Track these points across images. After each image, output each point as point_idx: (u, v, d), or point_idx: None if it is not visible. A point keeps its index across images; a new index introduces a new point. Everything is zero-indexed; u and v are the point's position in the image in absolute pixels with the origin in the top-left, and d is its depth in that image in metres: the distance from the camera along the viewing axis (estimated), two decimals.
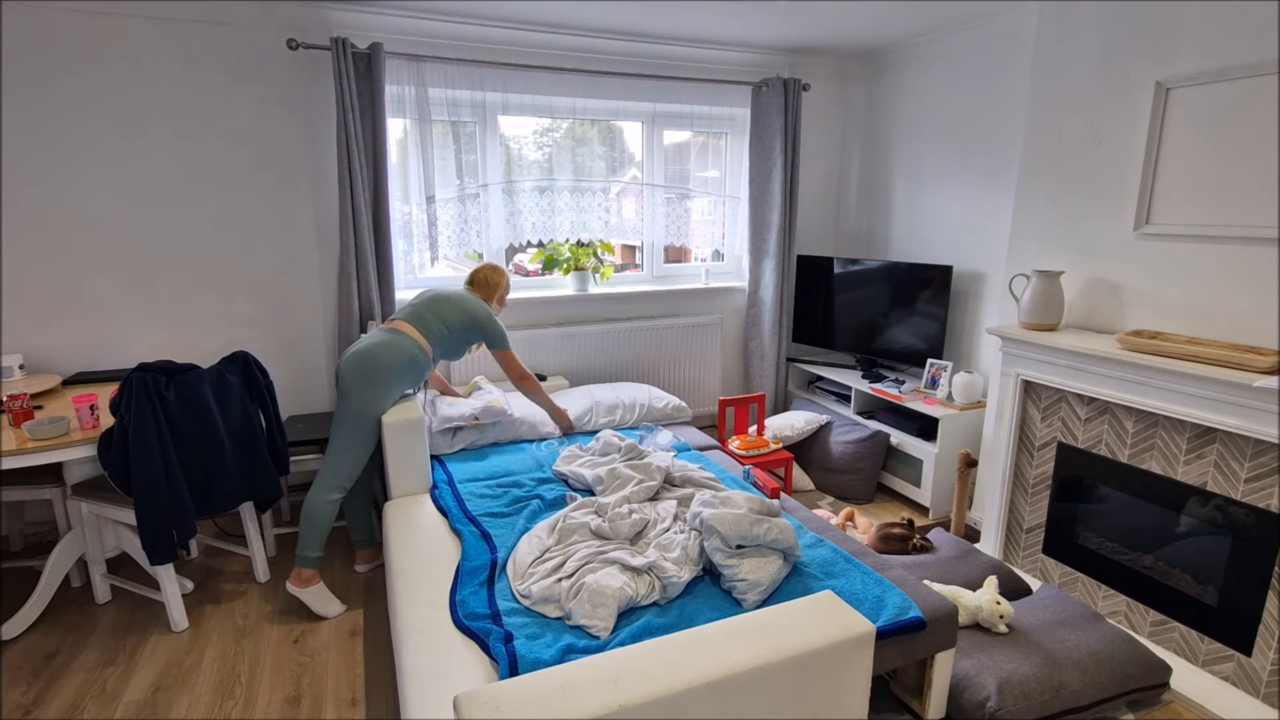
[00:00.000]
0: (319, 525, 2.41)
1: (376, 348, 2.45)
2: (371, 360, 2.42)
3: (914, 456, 3.30)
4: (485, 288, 2.81)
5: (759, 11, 3.08)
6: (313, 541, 2.41)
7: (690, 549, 1.96)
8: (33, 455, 2.10)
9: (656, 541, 2.04)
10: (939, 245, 3.61)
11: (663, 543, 2.02)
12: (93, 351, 2.94)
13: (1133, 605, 2.37)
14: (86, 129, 2.77)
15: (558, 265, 3.76)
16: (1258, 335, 2.11)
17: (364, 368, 2.41)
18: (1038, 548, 2.70)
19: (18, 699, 2.05)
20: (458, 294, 2.70)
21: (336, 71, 2.88)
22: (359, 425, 2.42)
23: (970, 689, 1.88)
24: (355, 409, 2.40)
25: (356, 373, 2.41)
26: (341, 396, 2.43)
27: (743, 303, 4.16)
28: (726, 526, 1.89)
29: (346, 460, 2.43)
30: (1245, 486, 2.03)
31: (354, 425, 2.42)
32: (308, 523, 2.41)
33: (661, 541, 2.03)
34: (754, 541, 1.89)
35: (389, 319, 2.74)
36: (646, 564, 1.88)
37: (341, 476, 2.43)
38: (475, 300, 2.71)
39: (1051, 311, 2.56)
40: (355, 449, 2.44)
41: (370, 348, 2.45)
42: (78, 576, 2.65)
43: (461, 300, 2.68)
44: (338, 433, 2.43)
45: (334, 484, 2.43)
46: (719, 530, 1.89)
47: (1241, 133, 2.11)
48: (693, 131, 3.92)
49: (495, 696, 1.27)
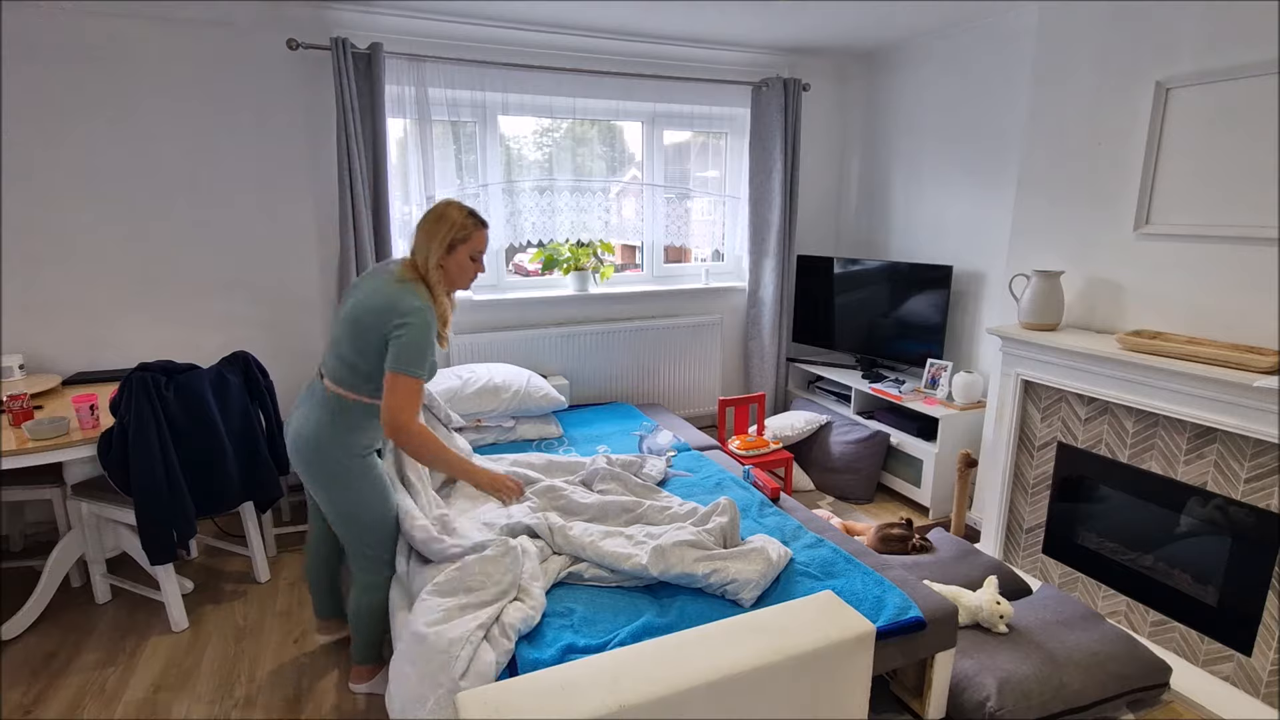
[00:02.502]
0: (374, 622, 1.97)
1: (299, 428, 1.84)
2: (301, 447, 1.83)
3: (914, 456, 3.30)
4: (419, 249, 1.84)
5: (759, 11, 3.08)
6: (373, 639, 2.01)
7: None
8: (33, 455, 2.10)
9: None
10: (939, 245, 3.61)
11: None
12: (93, 351, 2.94)
13: (1133, 605, 2.37)
14: (86, 129, 2.77)
15: (558, 265, 3.76)
16: (1258, 335, 2.11)
17: (300, 457, 1.85)
18: (1038, 548, 2.70)
19: (18, 699, 2.05)
20: (368, 276, 1.88)
21: (336, 71, 2.88)
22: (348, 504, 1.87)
23: (970, 689, 1.88)
24: (328, 502, 1.87)
25: (298, 462, 1.86)
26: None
27: (743, 303, 4.16)
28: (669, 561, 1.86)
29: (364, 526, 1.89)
30: (1245, 486, 2.03)
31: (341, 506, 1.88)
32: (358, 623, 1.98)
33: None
34: (691, 582, 1.85)
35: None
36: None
37: (372, 547, 1.91)
38: (384, 282, 1.80)
39: (1051, 311, 2.56)
40: (362, 511, 1.89)
41: (296, 424, 1.86)
42: (78, 576, 2.65)
43: (364, 286, 1.83)
44: (330, 511, 1.89)
45: (367, 563, 1.92)
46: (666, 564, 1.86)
47: (1241, 133, 2.11)
48: (693, 131, 3.92)
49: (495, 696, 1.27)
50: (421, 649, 1.53)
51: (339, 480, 1.84)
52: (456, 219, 1.82)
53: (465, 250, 1.85)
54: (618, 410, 3.45)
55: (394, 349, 1.73)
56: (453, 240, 1.82)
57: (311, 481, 1.86)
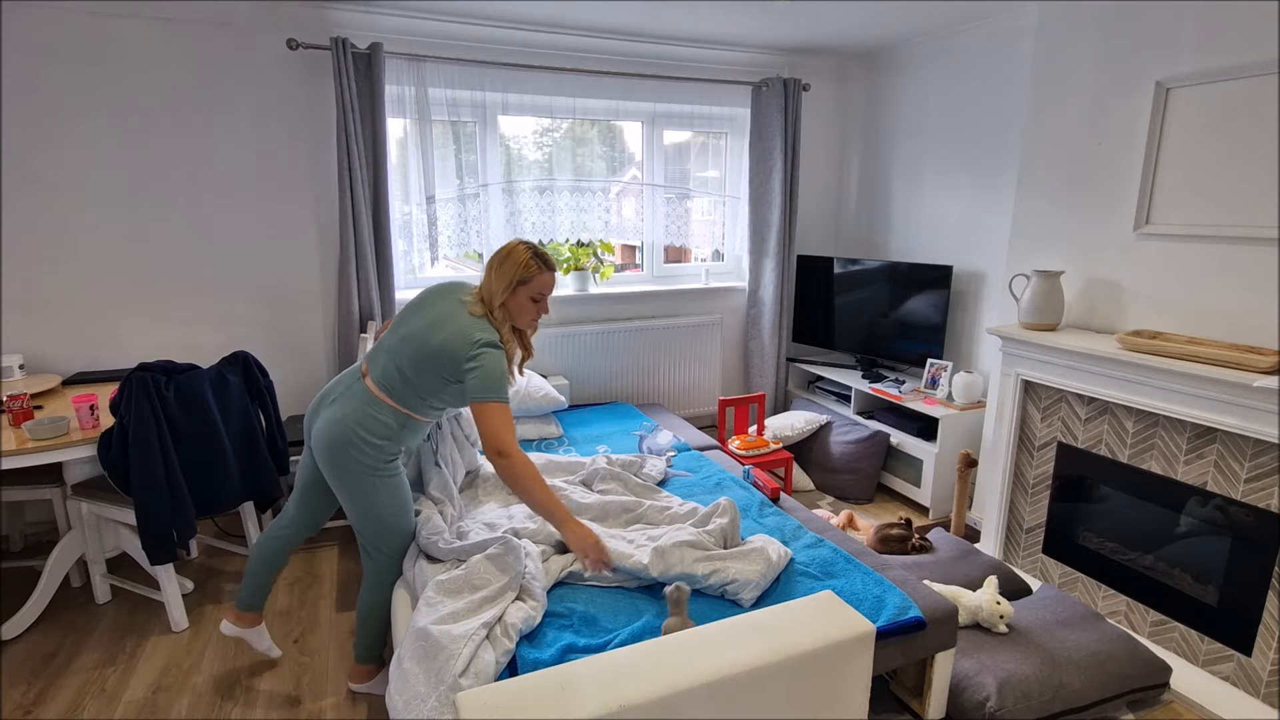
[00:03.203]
0: (380, 620, 1.98)
1: (332, 424, 1.83)
2: (330, 443, 1.82)
3: (914, 456, 3.30)
4: (486, 285, 1.88)
5: (759, 11, 3.08)
6: (377, 637, 2.02)
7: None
8: (33, 455, 2.10)
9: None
10: (939, 245, 3.61)
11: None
12: (93, 351, 2.94)
13: (1133, 605, 2.37)
14: (86, 129, 2.77)
15: (558, 265, 3.76)
16: (1258, 335, 2.11)
17: (328, 453, 1.83)
18: (1038, 548, 2.70)
19: (18, 699, 2.05)
20: (437, 295, 1.91)
21: (336, 71, 2.88)
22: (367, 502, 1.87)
23: (970, 689, 1.88)
24: (349, 498, 1.87)
25: (324, 457, 1.84)
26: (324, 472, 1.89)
27: (743, 303, 4.16)
28: (671, 561, 1.87)
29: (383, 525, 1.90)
30: (1245, 486, 2.03)
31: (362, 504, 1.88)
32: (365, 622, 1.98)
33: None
34: (691, 583, 1.85)
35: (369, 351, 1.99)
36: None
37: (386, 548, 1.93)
38: (456, 308, 1.83)
39: (1051, 311, 2.56)
40: (382, 512, 1.88)
41: (330, 419, 1.84)
42: (78, 576, 2.65)
43: (435, 307, 1.86)
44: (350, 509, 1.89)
45: (380, 561, 1.94)
46: (670, 565, 1.86)
47: (1241, 133, 2.11)
48: (693, 131, 3.92)
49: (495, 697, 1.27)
50: (427, 645, 1.53)
51: (367, 483, 1.84)
52: (522, 259, 1.84)
53: (526, 291, 1.85)
54: (618, 410, 3.45)
55: (475, 379, 1.74)
56: (517, 281, 1.83)
57: (338, 479, 1.85)
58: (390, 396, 1.83)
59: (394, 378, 1.82)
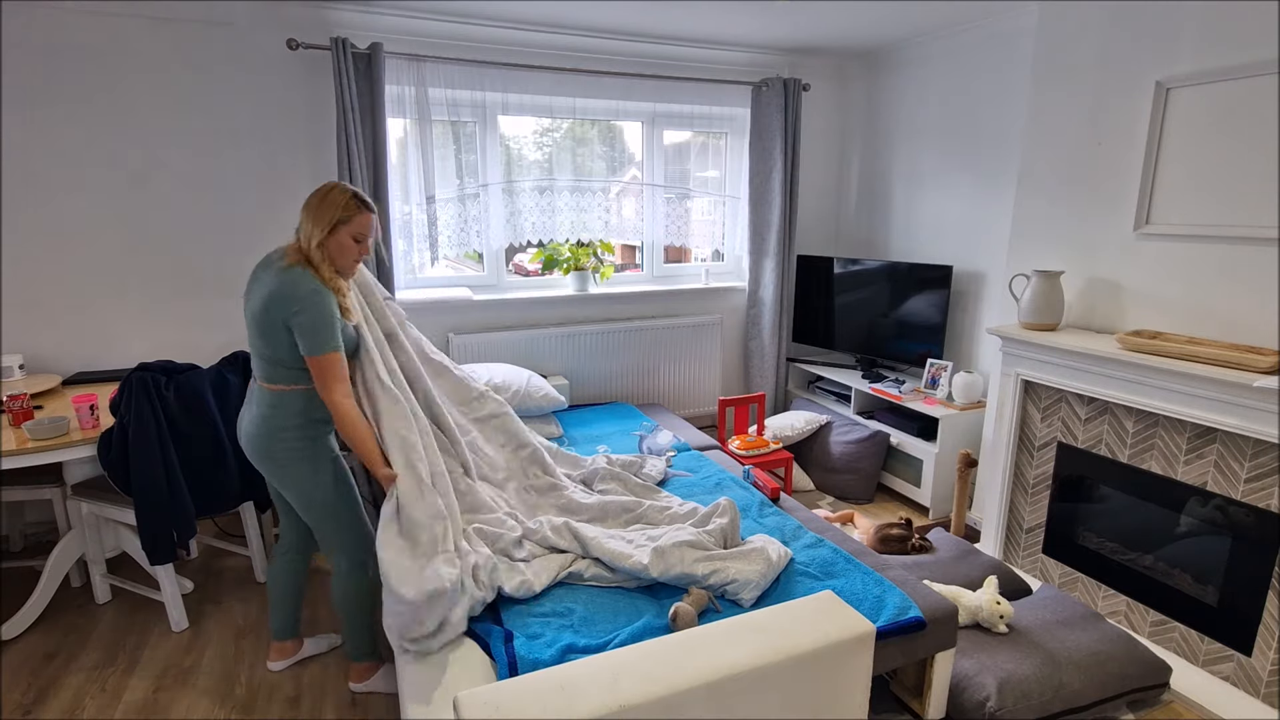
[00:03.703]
0: (361, 610, 2.02)
1: (250, 428, 1.90)
2: (255, 445, 1.89)
3: (914, 456, 3.30)
4: (304, 230, 1.83)
5: (759, 11, 3.08)
6: (364, 631, 2.05)
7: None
8: (33, 455, 2.10)
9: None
10: (939, 245, 3.61)
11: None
12: (93, 351, 2.94)
13: (1133, 605, 2.37)
14: (86, 129, 2.77)
15: (558, 265, 3.76)
16: (1258, 335, 2.11)
17: (259, 455, 1.89)
18: (1038, 548, 2.70)
19: (18, 699, 2.05)
20: (255, 276, 1.87)
21: (336, 71, 2.88)
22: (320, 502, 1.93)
23: (970, 689, 1.88)
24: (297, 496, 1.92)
25: (259, 461, 1.91)
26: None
27: (743, 303, 4.16)
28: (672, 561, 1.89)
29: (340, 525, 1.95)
30: (1245, 486, 2.03)
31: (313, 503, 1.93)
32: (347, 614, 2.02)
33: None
34: (691, 583, 1.87)
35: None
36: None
37: (350, 547, 1.98)
38: (272, 274, 1.79)
39: (1051, 311, 2.56)
40: (338, 514, 1.94)
41: (248, 429, 1.91)
42: (78, 576, 2.65)
43: (257, 286, 1.83)
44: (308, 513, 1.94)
45: (342, 546, 1.98)
46: (671, 567, 1.88)
47: (1241, 133, 2.11)
48: (693, 131, 3.92)
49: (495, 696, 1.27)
50: (402, 526, 1.76)
51: (304, 469, 1.88)
52: (341, 199, 1.82)
53: (347, 231, 1.83)
54: (618, 410, 3.45)
55: (300, 336, 1.75)
56: (335, 221, 1.81)
57: (272, 474, 1.90)
58: (275, 382, 1.84)
59: (263, 364, 1.84)
